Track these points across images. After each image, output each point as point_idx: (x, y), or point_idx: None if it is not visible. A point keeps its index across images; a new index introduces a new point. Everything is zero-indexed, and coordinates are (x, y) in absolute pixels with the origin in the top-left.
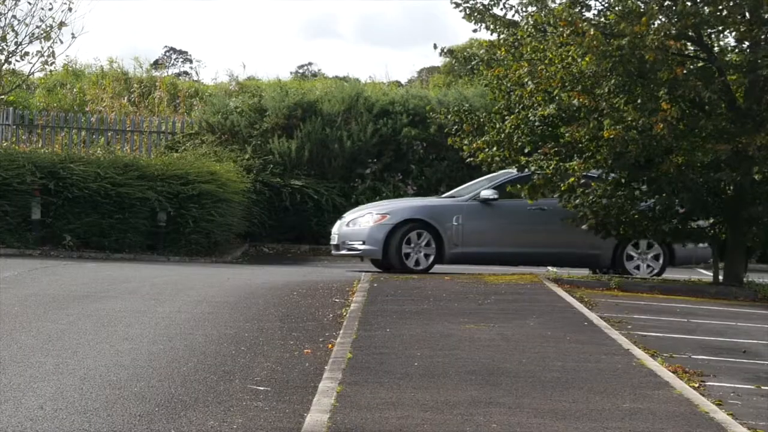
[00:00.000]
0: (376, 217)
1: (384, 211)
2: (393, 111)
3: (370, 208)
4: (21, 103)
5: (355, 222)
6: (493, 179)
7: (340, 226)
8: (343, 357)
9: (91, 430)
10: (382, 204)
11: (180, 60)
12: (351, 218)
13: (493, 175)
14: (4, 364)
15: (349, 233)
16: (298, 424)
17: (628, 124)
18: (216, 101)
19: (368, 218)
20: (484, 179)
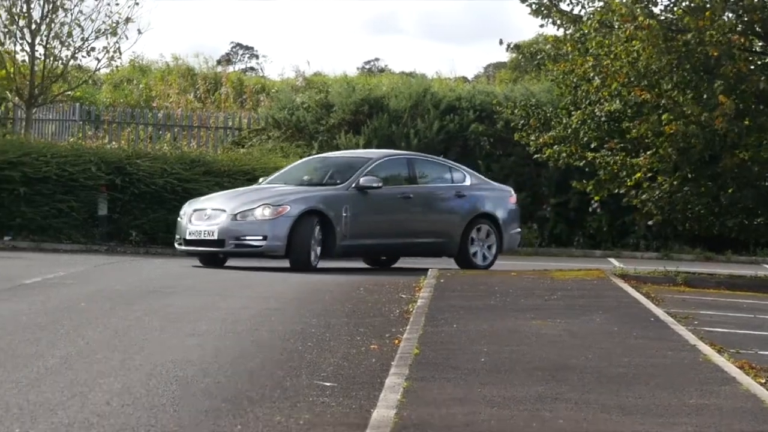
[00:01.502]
0: (273, 209)
1: (279, 202)
2: (459, 107)
3: (244, 198)
4: (87, 99)
5: (246, 215)
6: (367, 163)
7: (216, 220)
8: (409, 352)
9: (157, 426)
10: (242, 193)
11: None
12: (239, 211)
13: (363, 156)
14: (70, 360)
15: (241, 228)
16: (365, 419)
17: (688, 119)
18: (282, 97)
19: (264, 210)
20: (314, 159)
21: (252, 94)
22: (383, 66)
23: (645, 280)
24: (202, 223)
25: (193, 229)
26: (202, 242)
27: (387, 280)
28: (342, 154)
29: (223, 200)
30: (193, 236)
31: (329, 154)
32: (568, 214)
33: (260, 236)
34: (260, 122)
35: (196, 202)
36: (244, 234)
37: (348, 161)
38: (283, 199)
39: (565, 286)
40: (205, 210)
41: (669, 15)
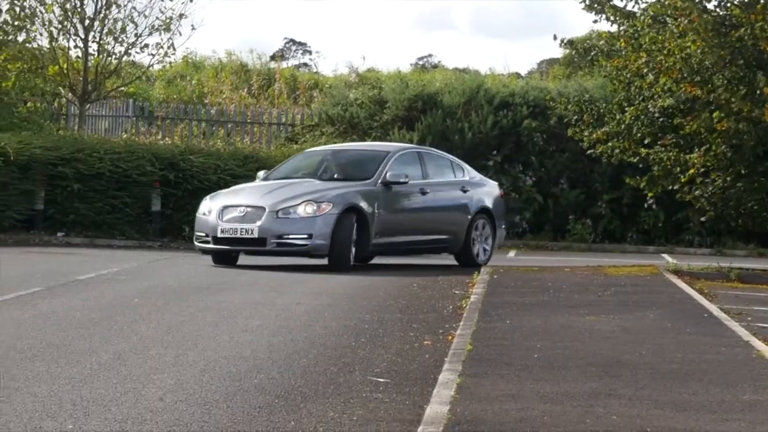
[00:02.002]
0: (317, 206)
1: (321, 198)
2: (513, 103)
3: (281, 194)
4: (141, 95)
5: (288, 212)
6: (387, 156)
7: (254, 218)
8: (463, 348)
9: (210, 422)
10: (275, 189)
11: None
12: (280, 208)
13: (379, 150)
14: (124, 356)
15: (284, 226)
16: (418, 415)
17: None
18: (336, 93)
19: (307, 207)
20: (315, 153)
21: (305, 90)
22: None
23: (698, 276)
24: (236, 220)
25: (227, 227)
26: (240, 241)
27: (440, 276)
28: (354, 147)
29: (255, 196)
30: (227, 234)
31: (338, 146)
32: (622, 210)
33: (304, 235)
34: (313, 118)
35: (219, 198)
36: (288, 232)
37: (363, 154)
38: (324, 195)
39: (618, 282)
40: (239, 207)
41: (722, 10)
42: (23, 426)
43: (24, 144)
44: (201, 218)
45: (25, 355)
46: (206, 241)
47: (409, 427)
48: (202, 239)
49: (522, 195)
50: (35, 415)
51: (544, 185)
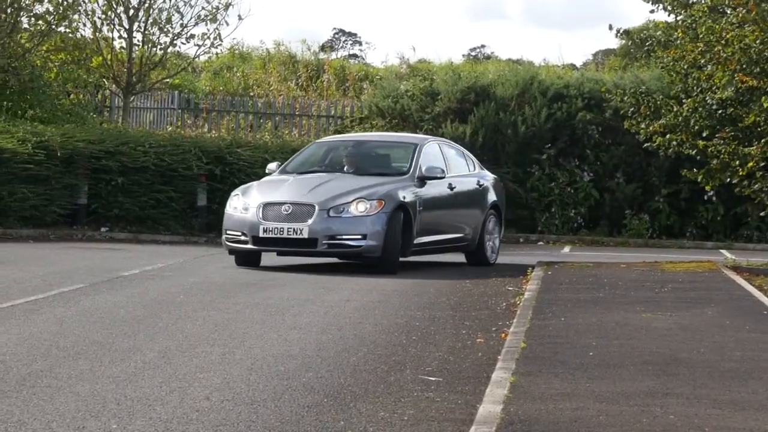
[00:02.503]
0: (370, 204)
1: (372, 195)
2: (567, 95)
3: (327, 190)
4: (186, 87)
5: (340, 210)
6: (416, 148)
7: (302, 217)
8: (516, 347)
9: (258, 421)
10: (319, 184)
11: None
12: (332, 206)
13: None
14: (169, 354)
15: (337, 225)
16: (471, 415)
17: None
18: (386, 85)
19: (359, 205)
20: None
21: (355, 81)
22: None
23: (758, 273)
24: (282, 218)
25: (271, 226)
26: (287, 242)
27: (493, 272)
28: (375, 138)
29: (300, 192)
30: (272, 234)
31: (356, 136)
32: (680, 205)
33: (359, 235)
34: (363, 110)
35: (254, 194)
36: (341, 233)
37: (389, 146)
38: (374, 192)
39: (675, 279)
40: (283, 204)
41: None
42: (66, 426)
43: (67, 137)
44: (234, 216)
45: (67, 353)
46: (242, 241)
47: (461, 427)
48: (237, 239)
49: (578, 190)
50: (78, 414)
51: (600, 179)
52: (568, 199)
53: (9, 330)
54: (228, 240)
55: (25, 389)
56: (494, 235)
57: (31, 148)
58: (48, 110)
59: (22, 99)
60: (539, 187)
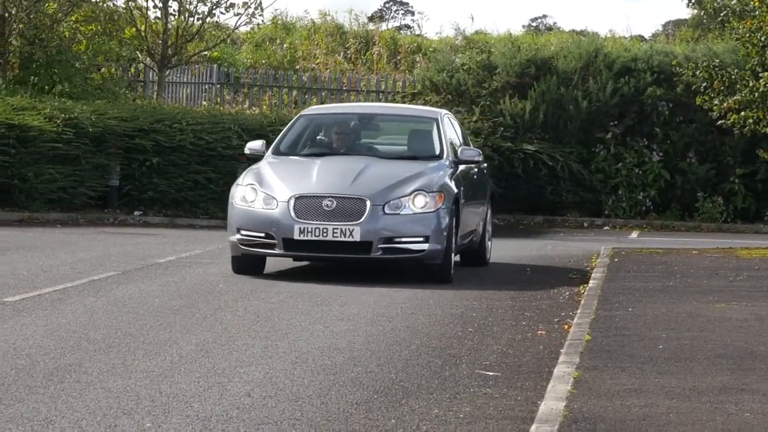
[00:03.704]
0: (431, 198)
1: (430, 186)
2: (635, 68)
3: (372, 180)
4: (226, 60)
5: (399, 205)
6: (436, 123)
7: (348, 214)
8: (580, 339)
9: (303, 419)
10: (359, 173)
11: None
12: (388, 200)
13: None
14: (207, 347)
15: (395, 225)
16: (531, 412)
17: None
18: (440, 58)
19: (417, 199)
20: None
21: (407, 54)
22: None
23: None
24: (323, 216)
25: (310, 226)
26: (332, 246)
27: (556, 259)
28: (380, 110)
29: (341, 181)
30: (311, 236)
31: (352, 108)
32: (756, 187)
33: (420, 237)
34: (416, 85)
35: (275, 182)
36: (400, 234)
37: (403, 119)
38: (430, 181)
39: (751, 266)
40: (324, 197)
41: None
42: (97, 424)
43: (98, 114)
44: (251, 211)
45: (98, 346)
46: (267, 245)
47: (521, 425)
48: (258, 242)
49: (647, 171)
50: (110, 412)
51: (670, 159)
52: (636, 181)
53: (36, 321)
54: (243, 243)
55: (53, 385)
56: (489, 229)
57: (59, 125)
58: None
59: (50, 73)
60: (605, 168)
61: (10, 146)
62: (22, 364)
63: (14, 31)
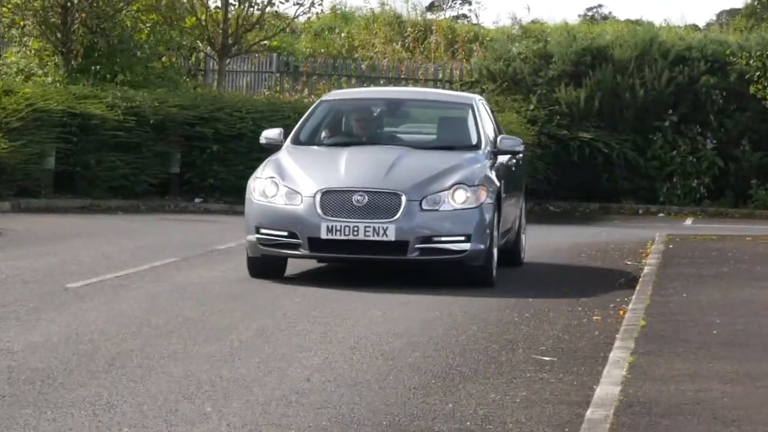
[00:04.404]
0: (472, 192)
1: (471, 179)
2: (690, 57)
3: (407, 172)
4: (285, 49)
5: (437, 200)
6: (471, 109)
7: (401, 211)
8: (635, 324)
9: (361, 403)
10: (392, 165)
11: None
12: (425, 195)
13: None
14: (267, 333)
15: (432, 223)
16: (587, 397)
17: None
18: (497, 47)
19: (457, 194)
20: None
21: (464, 43)
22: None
23: None
24: (353, 213)
25: (339, 224)
26: (363, 246)
27: (611, 246)
28: (409, 95)
29: (373, 173)
30: (340, 235)
31: (381, 92)
32: None
33: (462, 236)
34: (473, 74)
35: (297, 174)
36: (439, 233)
37: (435, 105)
38: (470, 174)
39: None
40: (354, 191)
41: None
42: (158, 408)
43: (159, 102)
44: (271, 207)
45: (159, 332)
46: (290, 245)
47: (577, 409)
48: (280, 242)
49: (701, 159)
50: (171, 396)
51: (724, 147)
52: (690, 169)
53: (98, 307)
54: (263, 243)
55: (115, 370)
56: (524, 224)
57: (121, 113)
58: (139, 74)
59: (112, 62)
60: (660, 155)
61: (72, 134)
62: (84, 349)
63: (77, 21)
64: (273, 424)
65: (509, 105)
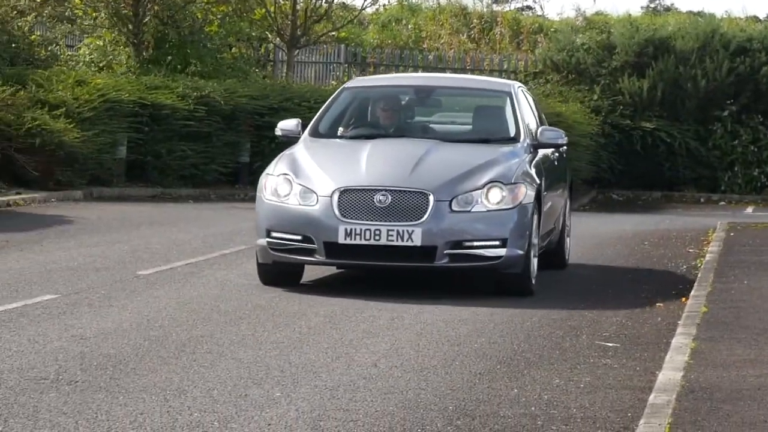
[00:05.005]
0: (509, 191)
1: (508, 176)
2: (751, 48)
3: (437, 168)
4: (353, 40)
5: (470, 200)
6: (509, 97)
7: (429, 213)
8: (697, 311)
9: (428, 389)
10: (420, 160)
11: None
12: (456, 195)
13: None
14: (335, 319)
15: (463, 225)
16: (650, 382)
17: None
18: (561, 38)
19: (493, 193)
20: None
21: (529, 34)
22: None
23: None
24: (375, 214)
25: (359, 227)
26: (386, 252)
27: (674, 234)
28: (442, 82)
29: (398, 171)
30: (360, 240)
31: (408, 78)
32: None
33: (497, 240)
34: (537, 65)
35: (313, 170)
36: (471, 237)
37: (469, 93)
38: (506, 171)
39: None
40: (376, 190)
41: None
42: (228, 393)
43: (229, 92)
44: (284, 208)
45: (229, 318)
46: (304, 251)
47: (640, 394)
48: (292, 247)
49: (762, 148)
50: (240, 381)
51: None
52: (751, 158)
53: (168, 294)
54: (275, 248)
55: (185, 355)
56: (569, 224)
57: (191, 103)
58: (209, 64)
59: (182, 53)
60: (721, 145)
61: (144, 124)
62: (155, 335)
63: (148, 12)
64: (341, 409)
65: (573, 95)
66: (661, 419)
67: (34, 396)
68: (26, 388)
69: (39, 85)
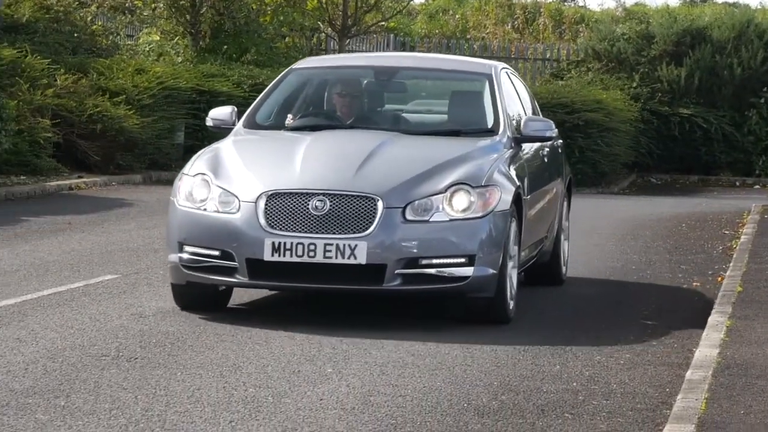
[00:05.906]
0: (479, 195)
1: (478, 176)
2: None
3: (388, 164)
4: (401, 30)
5: (428, 207)
6: (491, 81)
7: (377, 222)
8: (732, 290)
9: (473, 365)
10: (372, 156)
11: None
12: (412, 200)
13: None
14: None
15: (420, 238)
16: (687, 359)
17: None
18: (602, 28)
19: (462, 198)
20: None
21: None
22: None
23: None
24: (310, 224)
25: (290, 241)
26: (322, 272)
27: (710, 216)
28: (409, 62)
29: (336, 168)
30: (290, 257)
31: (364, 57)
32: None
33: (462, 257)
34: (579, 54)
35: (238, 169)
36: (429, 253)
37: (440, 76)
38: (475, 170)
39: None
40: (312, 194)
41: None
42: (281, 370)
43: None
44: (199, 216)
45: (283, 297)
46: (222, 270)
47: (677, 370)
48: (208, 264)
49: None
50: (293, 358)
51: None
52: None
53: None
54: (186, 265)
55: (241, 333)
56: (566, 226)
57: (246, 91)
58: (263, 53)
59: (237, 42)
60: (756, 130)
61: (200, 110)
62: (211, 313)
63: (205, 3)
64: (390, 385)
65: (614, 83)
66: (698, 394)
67: (96, 372)
68: (88, 364)
69: (100, 73)
